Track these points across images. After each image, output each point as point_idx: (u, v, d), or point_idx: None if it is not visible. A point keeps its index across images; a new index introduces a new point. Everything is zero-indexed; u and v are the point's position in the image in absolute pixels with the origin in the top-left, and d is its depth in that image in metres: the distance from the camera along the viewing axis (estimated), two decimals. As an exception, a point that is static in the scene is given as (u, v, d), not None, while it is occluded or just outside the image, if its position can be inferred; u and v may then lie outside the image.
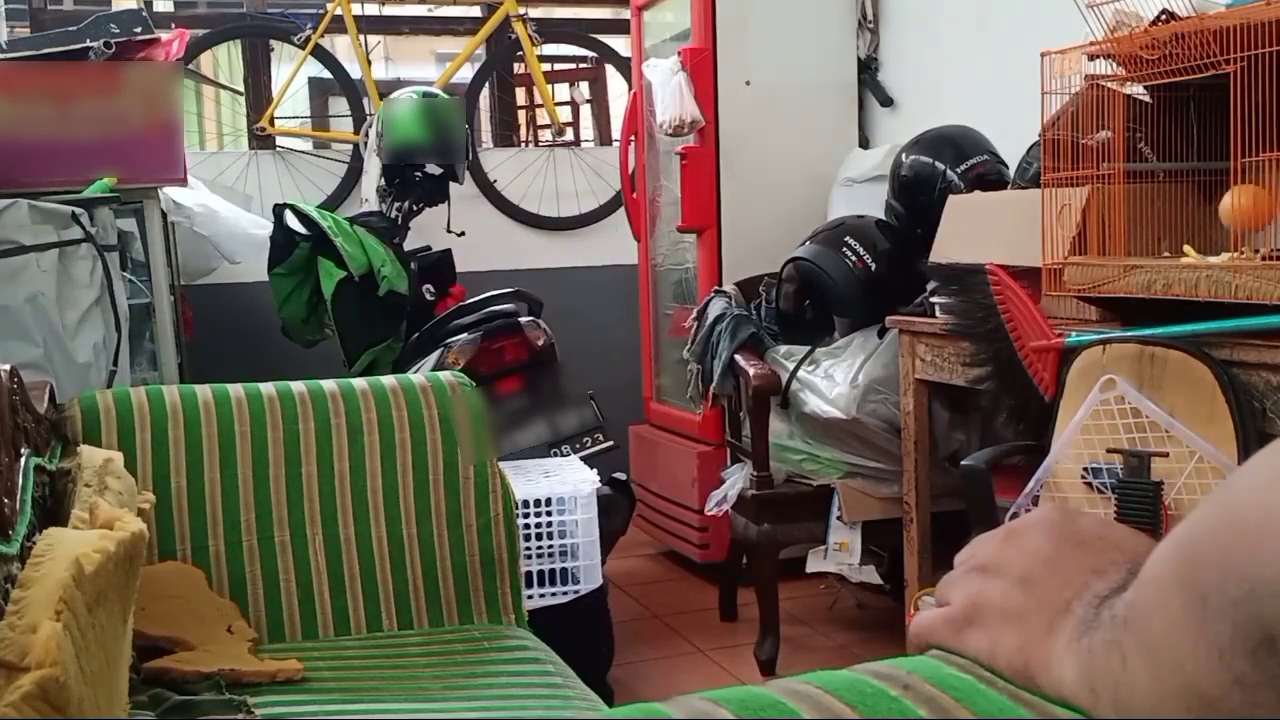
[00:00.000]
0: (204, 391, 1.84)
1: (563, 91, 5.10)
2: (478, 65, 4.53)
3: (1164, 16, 1.98)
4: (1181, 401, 1.86)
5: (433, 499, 1.86)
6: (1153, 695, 0.46)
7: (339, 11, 4.21)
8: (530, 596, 2.35)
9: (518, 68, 4.67)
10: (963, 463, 2.17)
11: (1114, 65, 2.13)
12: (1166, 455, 1.86)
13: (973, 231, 2.54)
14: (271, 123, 4.26)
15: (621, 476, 2.91)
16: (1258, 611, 0.41)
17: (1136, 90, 2.12)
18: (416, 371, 2.61)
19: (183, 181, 2.89)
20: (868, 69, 3.80)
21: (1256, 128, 1.78)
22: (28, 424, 1.39)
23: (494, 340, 3.02)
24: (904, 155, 3.04)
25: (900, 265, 2.96)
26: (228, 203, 3.54)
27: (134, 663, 1.40)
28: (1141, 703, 0.46)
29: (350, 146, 4.26)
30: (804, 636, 3.15)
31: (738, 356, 3.05)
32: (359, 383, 1.92)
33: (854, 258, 3.01)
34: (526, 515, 2.46)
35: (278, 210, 3.30)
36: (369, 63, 4.29)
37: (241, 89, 4.37)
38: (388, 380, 1.94)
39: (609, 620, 2.66)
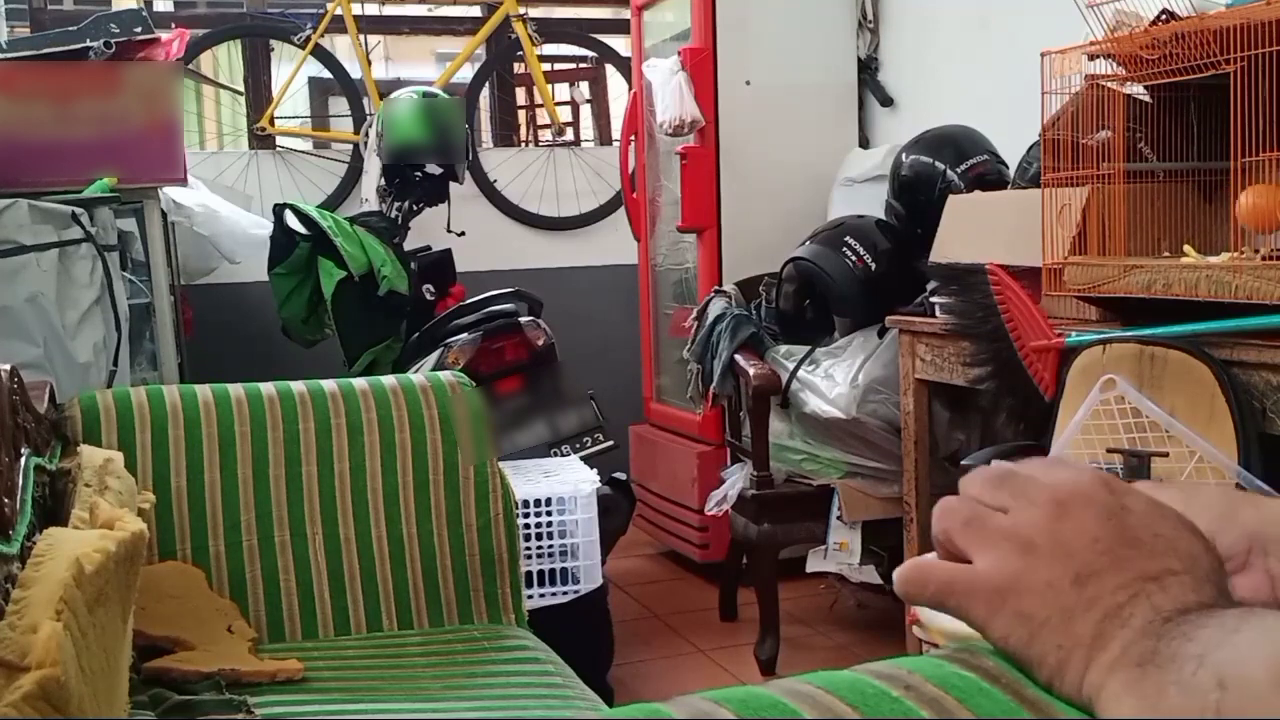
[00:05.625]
0: (204, 391, 1.84)
1: (563, 91, 5.10)
2: (478, 65, 4.53)
3: (1164, 16, 1.98)
4: (1181, 401, 1.86)
5: (433, 499, 1.86)
6: None
7: (339, 11, 4.21)
8: (530, 596, 2.35)
9: (518, 68, 4.67)
10: (963, 463, 2.17)
11: (1114, 65, 2.13)
12: (1166, 455, 1.86)
13: (973, 231, 2.54)
14: (271, 123, 4.26)
15: (621, 476, 2.91)
16: None
17: (1136, 90, 2.12)
18: (416, 371, 2.60)
19: (183, 181, 2.89)
20: (868, 69, 3.80)
21: (1256, 128, 1.78)
22: (28, 424, 1.39)
23: (494, 340, 3.02)
24: (904, 155, 3.04)
25: (900, 265, 2.96)
26: (228, 203, 3.54)
27: (134, 663, 1.40)
28: None
29: (350, 146, 4.26)
30: (804, 636, 3.15)
31: (738, 356, 3.05)
32: (359, 383, 1.92)
33: (854, 258, 3.01)
34: (526, 515, 2.46)
35: (278, 210, 3.30)
36: (369, 63, 4.29)
37: (241, 89, 4.37)
38: (388, 380, 1.94)
39: (609, 620, 2.66)
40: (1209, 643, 0.47)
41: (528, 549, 2.45)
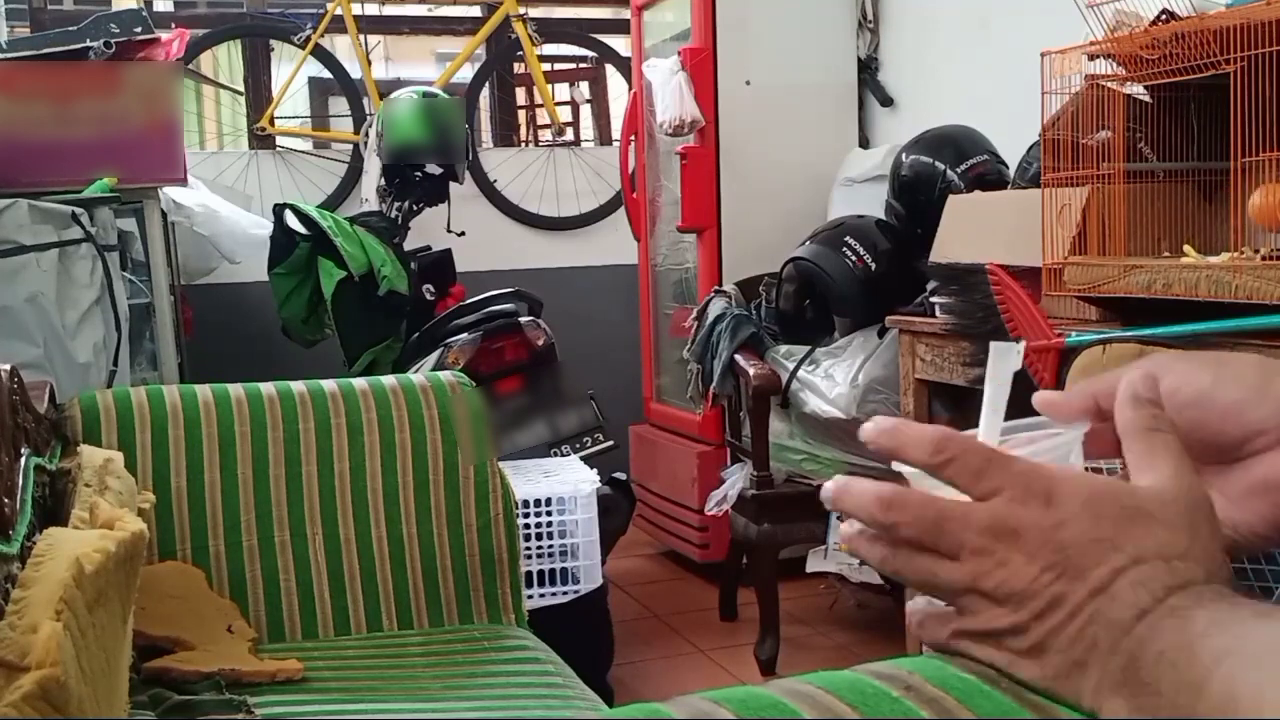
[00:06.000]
0: (204, 391, 1.84)
1: (563, 91, 5.10)
2: (478, 65, 4.53)
3: (1164, 16, 1.98)
4: (1182, 401, 1.86)
5: (433, 499, 1.86)
6: None
7: (339, 11, 4.21)
8: (530, 596, 2.35)
9: (518, 68, 4.67)
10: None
11: (1114, 65, 2.13)
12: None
13: (973, 231, 2.54)
14: (271, 123, 4.26)
15: (621, 476, 2.91)
16: None
17: (1136, 90, 2.12)
18: (416, 371, 2.60)
19: (183, 181, 2.89)
20: (868, 69, 3.80)
21: (1256, 128, 1.78)
22: (28, 424, 1.39)
23: (494, 340, 3.02)
24: (904, 155, 3.04)
25: (900, 265, 2.96)
26: (228, 203, 3.54)
27: (134, 663, 1.40)
28: None
29: (350, 146, 4.26)
30: (804, 636, 3.15)
31: (738, 356, 3.05)
32: (359, 383, 1.92)
33: (854, 258, 3.01)
34: (526, 515, 2.46)
35: (278, 210, 3.30)
36: (369, 63, 4.29)
37: (241, 89, 4.37)
38: (388, 380, 1.94)
39: (609, 620, 2.66)
40: (1200, 670, 0.46)
41: (528, 549, 2.45)
